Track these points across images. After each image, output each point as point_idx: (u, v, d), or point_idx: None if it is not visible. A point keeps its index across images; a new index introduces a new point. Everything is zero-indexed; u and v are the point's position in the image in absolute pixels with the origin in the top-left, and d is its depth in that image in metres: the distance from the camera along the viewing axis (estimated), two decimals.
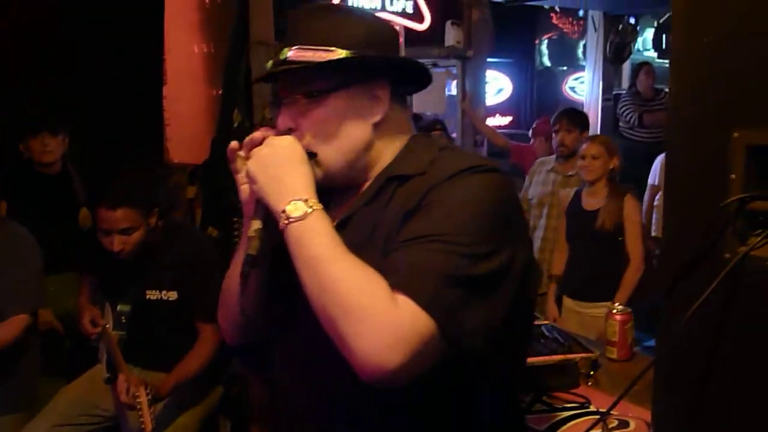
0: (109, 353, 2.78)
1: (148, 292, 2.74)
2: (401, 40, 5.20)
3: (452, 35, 5.74)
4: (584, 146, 3.56)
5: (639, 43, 8.27)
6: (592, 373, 2.28)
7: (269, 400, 1.40)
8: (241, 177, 1.22)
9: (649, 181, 5.02)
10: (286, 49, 1.21)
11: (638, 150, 6.58)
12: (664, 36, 8.51)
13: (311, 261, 1.07)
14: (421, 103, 6.14)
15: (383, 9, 5.33)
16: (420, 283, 1.03)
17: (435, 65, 6.07)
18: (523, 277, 1.14)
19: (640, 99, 6.57)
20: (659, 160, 4.99)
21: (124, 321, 2.77)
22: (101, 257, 2.79)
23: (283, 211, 1.11)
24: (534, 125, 5.11)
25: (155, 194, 2.80)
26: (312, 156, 1.20)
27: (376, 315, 1.01)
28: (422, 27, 5.51)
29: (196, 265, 2.70)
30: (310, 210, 1.10)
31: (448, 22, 5.73)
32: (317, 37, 1.19)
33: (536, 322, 2.67)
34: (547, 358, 2.27)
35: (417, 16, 5.48)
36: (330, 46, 1.18)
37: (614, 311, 2.48)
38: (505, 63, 7.66)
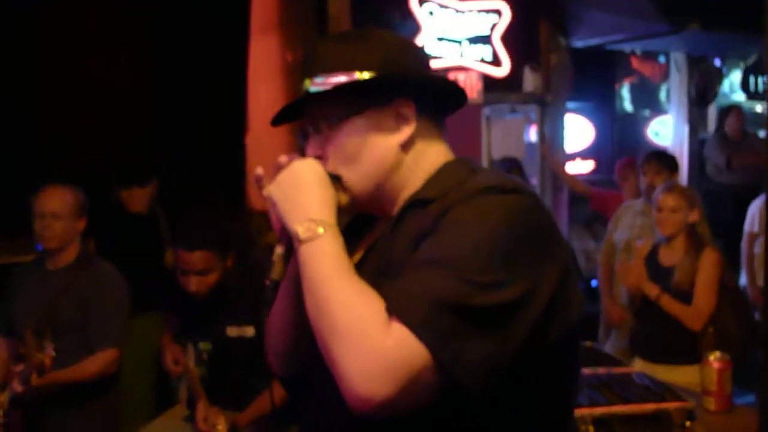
0: (190, 391, 2.80)
1: (228, 329, 2.76)
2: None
3: (530, 80, 5.70)
4: (660, 196, 3.32)
5: (725, 86, 8.03)
6: (687, 424, 2.14)
7: None
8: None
9: (746, 228, 4.76)
10: (307, 81, 1.20)
11: (727, 194, 6.36)
12: (751, 78, 8.28)
13: (312, 283, 1.03)
14: (500, 148, 6.11)
15: (462, 56, 5.34)
16: (412, 307, 0.96)
17: (513, 110, 6.04)
18: (549, 307, 1.03)
19: (727, 142, 6.36)
20: (756, 205, 4.73)
21: (205, 358, 2.79)
22: (182, 297, 2.83)
23: (296, 232, 1.08)
24: (617, 165, 4.95)
25: (232, 237, 2.85)
26: (335, 179, 1.17)
27: (363, 340, 0.95)
28: (501, 73, 5.48)
29: None
30: (321, 231, 1.06)
31: (527, 67, 5.70)
32: (335, 64, 1.18)
33: (625, 369, 2.56)
34: (637, 406, 2.15)
35: (495, 62, 5.46)
36: (348, 70, 1.17)
37: (712, 358, 2.34)
38: (584, 108, 7.54)
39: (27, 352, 2.57)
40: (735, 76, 8.47)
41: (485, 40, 5.42)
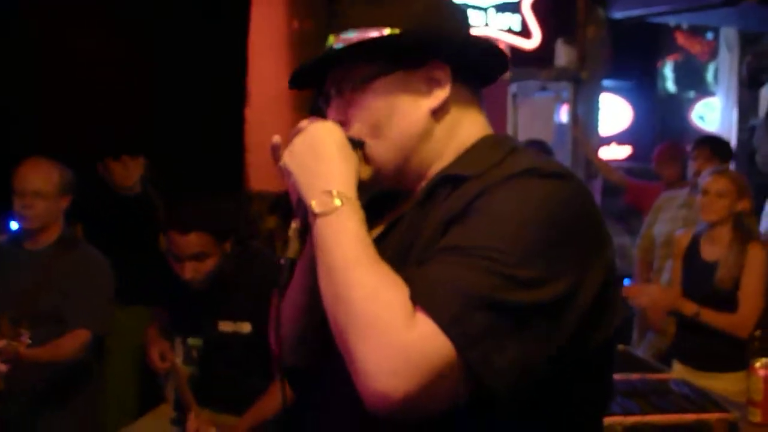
0: (177, 391, 2.80)
1: (221, 323, 2.74)
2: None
3: (564, 55, 5.66)
4: (707, 179, 3.28)
5: None
6: None
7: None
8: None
9: None
10: (332, 37, 1.17)
11: None
12: None
13: (329, 264, 1.01)
14: (527, 130, 6.08)
15: (487, 25, 5.30)
16: (443, 299, 0.94)
17: (543, 89, 6.00)
18: (591, 312, 1.01)
19: None
20: None
21: (195, 356, 2.78)
22: (172, 286, 2.82)
23: (311, 205, 1.05)
24: (657, 151, 4.89)
25: (230, 219, 2.82)
26: (358, 144, 1.14)
27: (385, 332, 0.93)
28: (531, 45, 5.44)
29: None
30: (338, 203, 1.04)
31: (560, 41, 5.65)
32: (365, 19, 1.15)
33: (662, 376, 2.53)
34: (676, 416, 2.14)
35: (525, 33, 5.41)
36: (378, 26, 1.14)
37: (758, 365, 2.31)
38: (623, 87, 7.50)
39: (2, 335, 2.57)
40: None
41: (514, 7, 5.38)
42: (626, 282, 5.47)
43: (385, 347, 0.93)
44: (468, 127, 1.20)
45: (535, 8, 5.41)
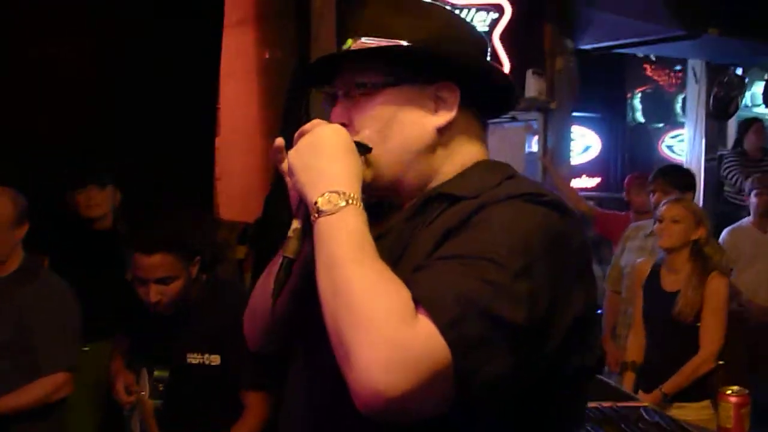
0: (143, 425, 2.75)
1: (189, 355, 2.70)
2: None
3: (533, 85, 5.71)
4: (664, 207, 3.35)
5: (747, 98, 8.11)
6: None
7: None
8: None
9: None
10: (350, 40, 1.20)
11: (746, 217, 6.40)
12: None
13: (330, 260, 1.01)
14: (497, 159, 6.11)
15: None
16: (443, 302, 0.95)
17: (513, 119, 6.05)
18: (574, 341, 1.05)
19: (746, 159, 6.40)
20: None
21: (161, 389, 2.73)
22: (138, 315, 2.79)
23: (315, 203, 1.06)
24: (628, 180, 4.97)
25: (197, 241, 2.78)
26: (364, 150, 1.16)
27: (385, 327, 0.93)
28: None
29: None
30: (343, 204, 1.04)
31: (529, 71, 5.70)
32: (385, 29, 1.18)
33: (633, 404, 2.54)
34: None
35: (495, 63, 5.48)
36: (397, 38, 1.16)
37: (729, 393, 2.33)
38: (592, 118, 7.59)
39: None
40: (757, 88, 8.55)
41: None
42: (597, 312, 5.50)
43: (384, 343, 0.92)
44: (468, 150, 1.23)
45: (505, 39, 5.47)
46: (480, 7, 5.42)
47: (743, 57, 7.10)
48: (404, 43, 1.17)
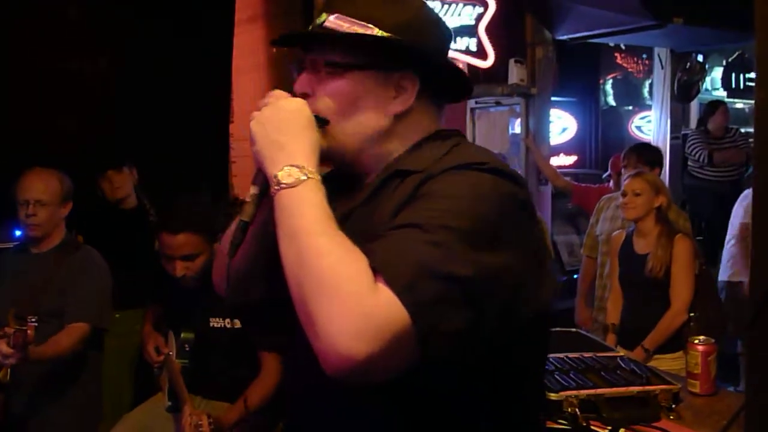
0: (171, 382, 2.76)
1: (212, 320, 2.71)
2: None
3: (515, 73, 5.69)
4: (626, 182, 3.39)
5: (707, 83, 8.09)
6: (673, 406, 2.13)
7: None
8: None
9: (739, 219, 4.70)
10: (324, 15, 1.15)
11: (708, 189, 6.42)
12: (733, 75, 8.33)
13: (294, 232, 0.98)
14: (484, 141, 6.10)
15: None
16: (397, 268, 0.93)
17: (498, 103, 6.03)
18: (523, 291, 1.04)
19: (709, 137, 6.40)
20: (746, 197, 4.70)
21: (187, 349, 2.74)
22: (166, 285, 2.79)
23: (275, 176, 1.03)
24: (610, 161, 4.98)
25: (218, 220, 2.79)
26: (323, 123, 1.13)
27: (351, 296, 0.91)
28: (486, 64, 5.47)
29: None
30: (304, 177, 1.02)
31: (512, 60, 5.68)
32: (360, 11, 1.14)
33: (611, 353, 2.55)
34: (624, 389, 2.14)
35: (481, 53, 5.45)
36: (370, 22, 1.13)
37: (696, 342, 2.34)
38: (569, 102, 7.57)
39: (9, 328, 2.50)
40: (716, 73, 8.53)
41: (471, 31, 5.40)
42: (575, 277, 5.52)
43: (349, 311, 0.90)
44: (422, 131, 1.19)
45: (489, 31, 5.44)
46: (467, 2, 5.38)
47: (704, 44, 7.07)
48: (376, 29, 1.13)
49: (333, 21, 1.14)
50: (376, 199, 1.13)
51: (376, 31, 1.13)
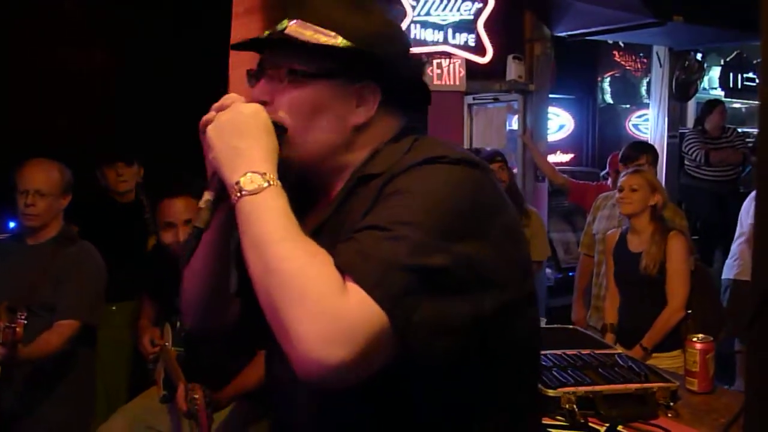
0: (167, 371, 2.74)
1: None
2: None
3: (514, 69, 5.67)
4: (624, 178, 3.36)
5: (705, 82, 8.09)
6: (671, 404, 2.12)
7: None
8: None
9: (749, 220, 4.67)
10: (286, 21, 1.12)
11: (704, 188, 6.42)
12: (731, 74, 8.35)
13: (259, 239, 0.96)
14: (482, 137, 6.08)
15: (445, 42, 5.30)
16: (364, 267, 0.92)
17: (496, 100, 6.02)
18: (496, 272, 1.01)
19: (706, 137, 6.40)
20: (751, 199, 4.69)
21: (182, 336, 2.73)
22: (163, 277, 2.77)
23: (237, 183, 1.00)
24: (609, 159, 4.97)
25: None
26: (281, 130, 1.09)
27: (321, 300, 0.89)
28: (484, 60, 5.45)
29: None
30: (265, 184, 0.99)
31: (510, 57, 5.66)
32: (323, 18, 1.11)
33: (609, 351, 2.54)
34: (622, 386, 2.13)
35: (479, 49, 5.43)
36: (333, 30, 1.10)
37: (694, 339, 2.33)
38: (566, 99, 7.58)
39: (1, 324, 2.48)
40: (714, 73, 8.55)
41: (469, 26, 5.38)
42: (571, 274, 5.51)
43: (320, 315, 0.89)
44: (382, 140, 1.17)
45: (487, 27, 5.43)
46: None
47: (703, 42, 7.07)
48: (339, 38, 1.10)
49: (295, 28, 1.11)
50: (345, 209, 1.11)
51: (339, 40, 1.10)
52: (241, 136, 1.04)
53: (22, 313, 2.44)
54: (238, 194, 1.00)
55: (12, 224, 3.18)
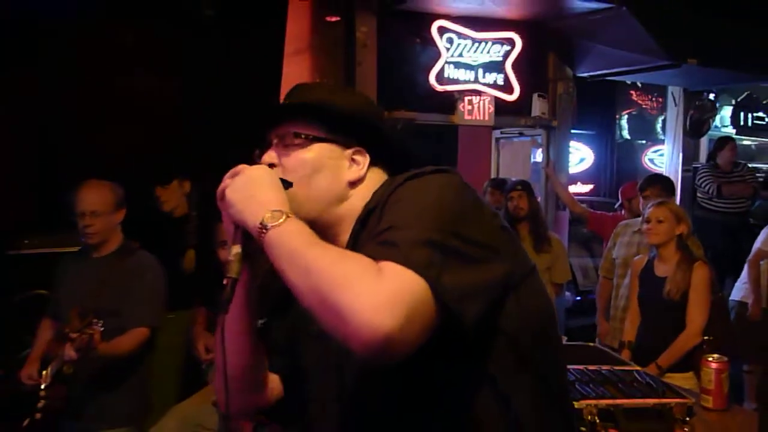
0: None
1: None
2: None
3: (538, 106, 5.68)
4: (650, 209, 3.32)
5: (717, 120, 8.01)
6: (687, 419, 2.09)
7: None
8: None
9: (757, 244, 4.55)
10: (289, 100, 1.26)
11: (716, 220, 6.32)
12: (742, 113, 8.25)
13: (293, 254, 1.00)
14: (508, 168, 6.09)
15: (476, 81, 5.34)
16: (390, 251, 0.97)
17: (521, 134, 6.02)
18: (500, 249, 1.06)
19: (718, 171, 6.32)
20: None
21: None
22: (214, 287, 2.80)
23: (260, 223, 1.05)
24: (621, 189, 4.93)
25: None
26: (287, 185, 1.17)
27: (363, 277, 0.93)
28: (511, 98, 5.48)
29: None
30: (284, 218, 1.05)
31: (535, 95, 5.68)
32: (317, 98, 1.25)
33: (628, 367, 2.51)
34: (641, 400, 2.11)
35: (507, 88, 5.47)
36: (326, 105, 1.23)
37: (710, 359, 2.29)
38: (587, 135, 7.55)
39: (72, 328, 2.54)
40: (726, 112, 8.45)
41: (498, 67, 5.42)
42: (590, 297, 5.45)
43: (365, 291, 0.92)
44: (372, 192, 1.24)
45: (515, 67, 5.46)
46: (495, 41, 5.41)
47: (716, 84, 7.01)
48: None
49: (297, 101, 1.25)
50: (356, 250, 1.14)
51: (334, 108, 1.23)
52: (255, 188, 1.11)
53: (97, 321, 2.49)
54: (264, 231, 1.04)
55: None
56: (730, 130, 8.30)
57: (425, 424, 1.10)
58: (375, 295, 0.91)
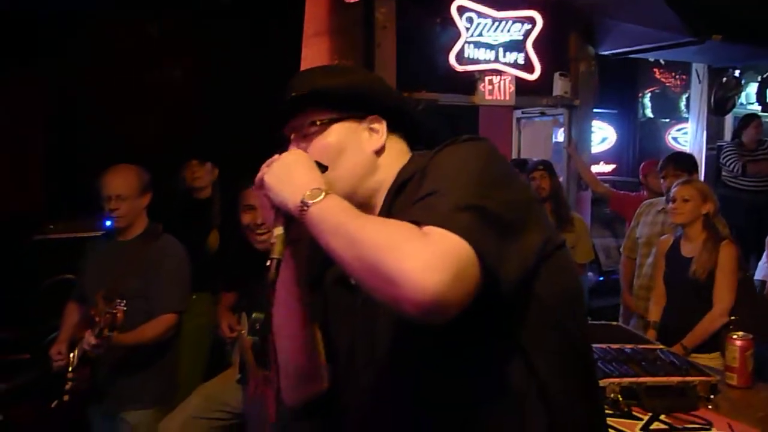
0: (242, 357, 2.79)
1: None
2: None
3: (560, 86, 5.60)
4: (675, 189, 3.25)
5: (742, 97, 7.84)
6: (711, 397, 2.06)
7: None
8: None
9: None
10: (293, 92, 1.24)
11: (741, 198, 6.21)
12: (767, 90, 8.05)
13: (337, 227, 1.01)
14: (529, 148, 6.02)
15: (497, 60, 5.26)
16: (431, 215, 0.98)
17: (543, 114, 5.95)
18: (530, 223, 1.06)
19: (743, 149, 6.20)
20: None
21: (257, 327, 2.77)
22: (240, 275, 2.81)
23: (301, 201, 1.06)
24: (643, 165, 4.85)
25: None
26: (323, 168, 1.18)
27: (409, 240, 0.94)
28: (533, 77, 5.40)
29: None
30: (324, 194, 1.06)
31: (556, 74, 5.59)
32: (320, 84, 1.24)
33: (651, 346, 2.48)
34: (664, 378, 2.08)
35: (528, 67, 5.38)
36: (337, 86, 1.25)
37: (734, 336, 2.26)
38: (609, 114, 7.44)
39: (98, 311, 2.57)
40: (751, 89, 8.27)
41: (519, 46, 5.34)
42: (613, 277, 5.39)
43: (413, 252, 0.92)
44: (402, 160, 1.26)
45: (536, 46, 5.37)
46: (515, 20, 5.32)
47: (740, 61, 6.85)
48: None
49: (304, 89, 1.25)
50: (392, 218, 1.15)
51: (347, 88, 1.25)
52: (292, 171, 1.13)
53: (120, 301, 2.51)
54: (306, 209, 1.05)
55: (108, 223, 3.27)
56: (756, 108, 8.10)
57: (455, 391, 1.10)
58: (423, 255, 0.92)
